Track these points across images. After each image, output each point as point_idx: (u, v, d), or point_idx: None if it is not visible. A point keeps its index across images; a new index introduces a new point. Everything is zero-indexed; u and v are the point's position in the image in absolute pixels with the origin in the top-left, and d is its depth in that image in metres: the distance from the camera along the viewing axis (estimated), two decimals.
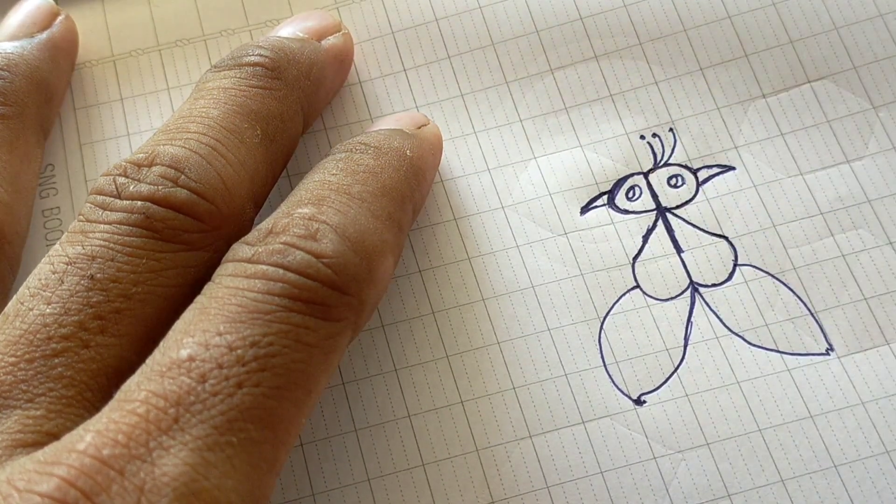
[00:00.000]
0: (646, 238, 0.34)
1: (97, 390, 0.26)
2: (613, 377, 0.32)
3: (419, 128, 0.34)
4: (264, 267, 0.27)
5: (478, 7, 0.38)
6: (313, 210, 0.28)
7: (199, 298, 0.27)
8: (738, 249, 0.34)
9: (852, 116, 0.35)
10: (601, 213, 0.35)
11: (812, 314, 0.33)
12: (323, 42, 0.36)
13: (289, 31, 0.36)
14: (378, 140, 0.32)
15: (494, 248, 0.34)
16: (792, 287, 0.33)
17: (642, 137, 0.36)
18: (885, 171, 0.34)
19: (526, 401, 0.32)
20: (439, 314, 0.33)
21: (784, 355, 0.32)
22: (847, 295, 0.33)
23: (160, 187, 0.29)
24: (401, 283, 0.34)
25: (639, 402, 0.32)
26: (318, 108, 0.35)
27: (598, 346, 0.32)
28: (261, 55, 0.33)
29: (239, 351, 0.25)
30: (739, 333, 0.32)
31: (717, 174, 0.35)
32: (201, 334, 0.26)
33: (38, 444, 0.25)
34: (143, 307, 0.27)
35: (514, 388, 0.32)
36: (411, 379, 0.32)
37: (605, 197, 0.35)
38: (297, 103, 0.33)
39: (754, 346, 0.32)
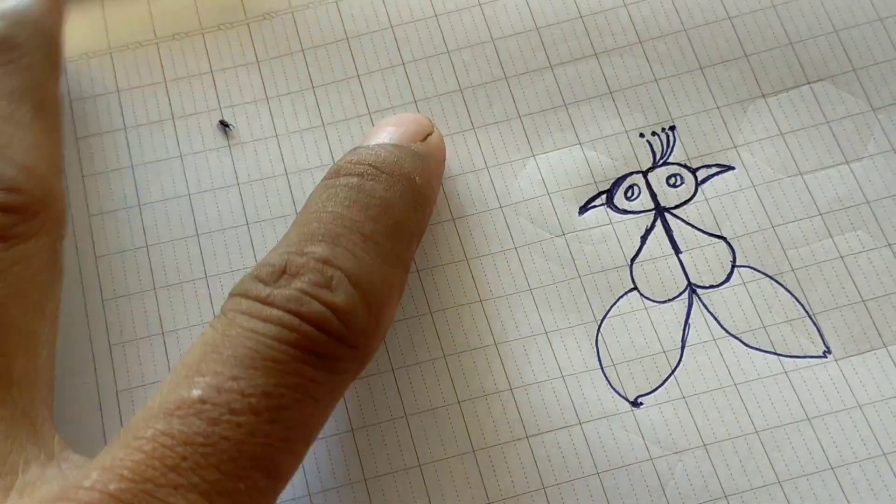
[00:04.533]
0: (644, 239, 0.34)
1: None
2: (610, 379, 0.32)
3: (425, 138, 0.34)
4: (280, 313, 0.26)
5: (478, 4, 0.37)
6: (327, 252, 0.28)
7: (208, 332, 0.27)
8: (736, 250, 0.34)
9: (851, 118, 0.35)
10: (599, 213, 0.34)
11: (810, 316, 0.33)
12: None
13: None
14: (389, 165, 0.31)
15: (493, 249, 0.34)
16: (790, 289, 0.33)
17: (642, 136, 0.35)
18: (884, 173, 0.34)
19: (523, 402, 0.32)
20: (437, 314, 0.33)
21: (781, 357, 0.32)
22: (845, 297, 0.33)
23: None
24: None
25: (636, 403, 0.32)
26: (60, 56, 0.35)
27: (595, 349, 0.32)
28: None
29: (252, 399, 0.25)
30: (737, 335, 0.32)
31: (717, 174, 0.35)
32: (213, 376, 0.25)
33: None
34: (6, 311, 0.27)
35: (511, 389, 0.32)
36: (408, 379, 0.32)
37: (604, 196, 0.35)
38: (43, 62, 0.33)
39: (752, 348, 0.32)
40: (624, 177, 0.35)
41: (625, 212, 0.34)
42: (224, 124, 0.36)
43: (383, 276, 0.29)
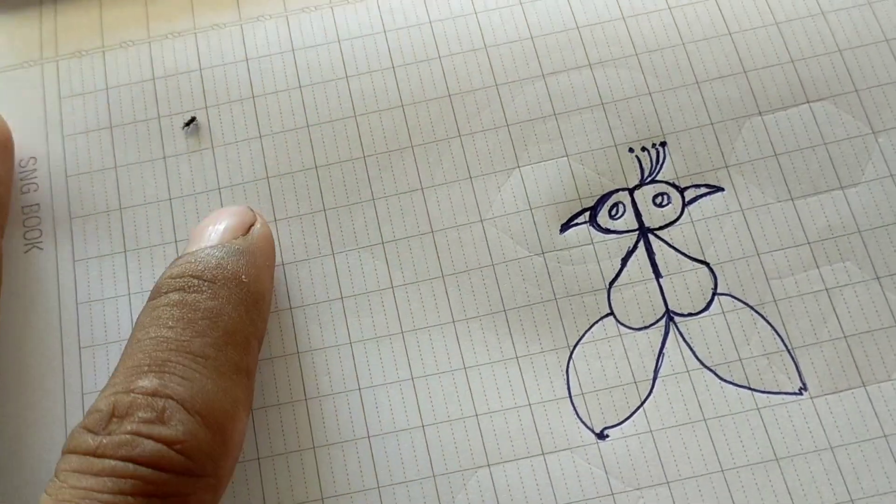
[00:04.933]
0: (625, 261, 0.33)
1: None
2: (578, 409, 0.32)
3: (248, 230, 0.32)
4: (112, 462, 0.25)
5: (473, 13, 0.37)
6: (155, 383, 0.27)
7: (43, 499, 0.25)
8: (718, 277, 0.33)
9: (850, 140, 0.34)
10: (581, 231, 0.34)
11: (788, 350, 0.32)
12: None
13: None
14: (210, 270, 0.30)
15: (469, 265, 0.33)
16: (770, 321, 0.32)
17: (631, 150, 0.35)
18: (879, 201, 0.33)
19: (487, 429, 0.31)
20: (408, 334, 0.33)
21: (755, 393, 0.31)
22: (826, 332, 0.32)
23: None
24: (371, 300, 0.33)
25: (601, 436, 0.31)
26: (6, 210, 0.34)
27: (565, 377, 0.32)
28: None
29: None
30: (711, 367, 0.32)
31: (705, 195, 0.34)
32: None
33: None
34: None
35: (476, 416, 0.32)
36: (374, 400, 0.32)
37: (588, 214, 0.34)
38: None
39: (725, 381, 0.32)
40: (609, 194, 0.34)
41: (608, 231, 0.34)
42: (188, 123, 0.36)
43: (222, 391, 0.27)
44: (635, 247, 0.34)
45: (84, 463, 0.26)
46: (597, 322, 0.33)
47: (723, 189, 0.34)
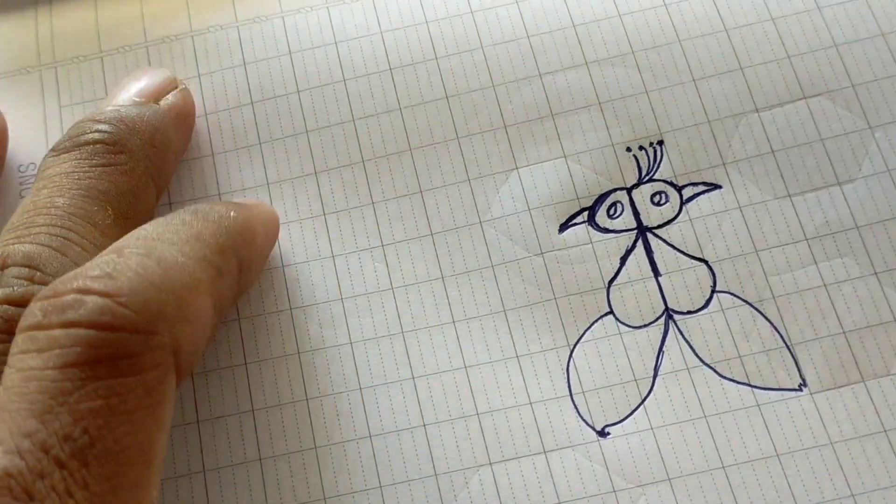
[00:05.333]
0: (624, 260, 0.33)
1: None
2: (579, 407, 0.32)
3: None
4: (56, 333, 0.24)
5: (469, 12, 0.37)
6: (114, 256, 0.26)
7: None
8: (717, 275, 0.33)
9: (847, 136, 0.34)
10: (580, 230, 0.34)
11: (788, 347, 0.32)
12: (161, 102, 0.34)
13: (124, 97, 0.34)
14: (201, 206, 0.30)
15: (469, 267, 0.34)
16: (769, 317, 0.32)
17: (628, 150, 0.35)
18: (876, 196, 0.33)
19: (489, 427, 0.32)
20: (408, 334, 0.33)
21: (755, 389, 0.31)
22: (826, 328, 0.32)
23: (16, 287, 0.27)
24: (372, 301, 0.33)
25: (603, 433, 0.31)
26: (168, 174, 0.34)
27: (566, 375, 0.32)
28: (99, 131, 0.31)
29: (54, 450, 0.23)
30: (711, 365, 0.32)
31: (703, 192, 0.34)
32: (8, 440, 0.23)
33: None
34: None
35: (478, 415, 0.32)
36: (375, 399, 0.32)
37: (586, 213, 0.34)
38: (145, 174, 0.32)
39: (725, 378, 0.32)
40: (607, 193, 0.34)
41: (606, 230, 0.34)
42: None
43: (180, 264, 0.26)
44: (634, 246, 0.34)
45: (28, 340, 0.24)
46: (597, 321, 0.33)
47: (720, 186, 0.34)
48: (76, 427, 0.23)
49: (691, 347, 0.32)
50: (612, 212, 0.34)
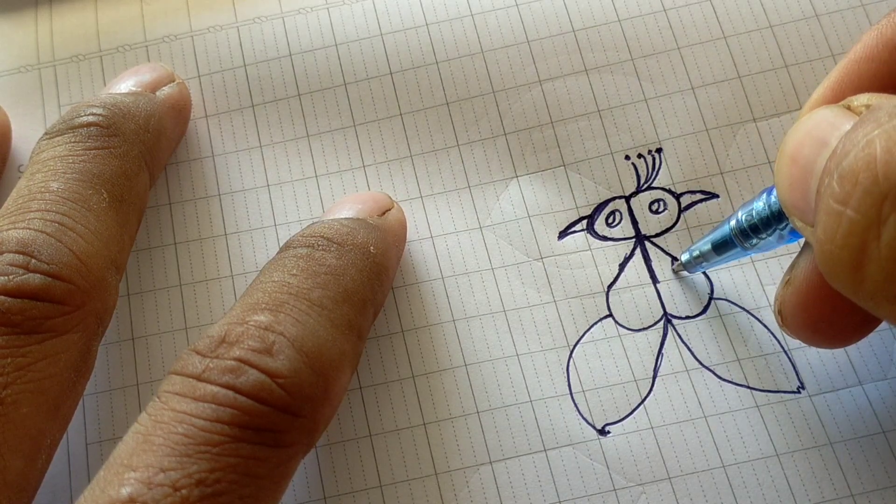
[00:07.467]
0: (622, 266, 0.34)
1: None
2: (579, 406, 0.32)
3: (384, 213, 0.33)
4: (214, 389, 0.25)
5: (469, 14, 0.37)
6: (270, 318, 0.27)
7: (142, 418, 0.25)
8: (714, 283, 0.33)
9: None
10: (579, 238, 0.34)
11: (785, 351, 0.32)
12: (158, 93, 0.34)
13: (121, 86, 0.34)
14: (341, 235, 0.30)
15: (469, 268, 0.34)
16: (767, 324, 0.32)
17: (627, 158, 0.35)
18: None
19: (489, 425, 0.32)
20: (408, 333, 0.33)
21: (754, 391, 0.32)
22: None
23: (11, 276, 0.27)
24: None
25: (603, 432, 0.31)
26: (161, 160, 0.34)
27: (566, 374, 0.32)
28: (94, 114, 0.31)
29: (184, 491, 0.23)
30: (710, 367, 0.32)
31: (700, 201, 0.34)
32: (144, 470, 0.24)
33: None
34: (18, 409, 0.26)
35: (478, 413, 0.32)
36: (375, 398, 0.32)
37: (585, 222, 0.34)
38: (139, 158, 0.32)
39: (724, 380, 0.32)
40: (606, 202, 0.35)
41: (605, 238, 0.34)
42: None
43: (332, 340, 0.27)
44: (632, 253, 0.34)
45: (187, 386, 0.26)
46: (596, 323, 0.33)
47: (717, 196, 0.34)
48: (211, 475, 0.24)
49: (690, 350, 0.32)
50: (610, 220, 0.34)
